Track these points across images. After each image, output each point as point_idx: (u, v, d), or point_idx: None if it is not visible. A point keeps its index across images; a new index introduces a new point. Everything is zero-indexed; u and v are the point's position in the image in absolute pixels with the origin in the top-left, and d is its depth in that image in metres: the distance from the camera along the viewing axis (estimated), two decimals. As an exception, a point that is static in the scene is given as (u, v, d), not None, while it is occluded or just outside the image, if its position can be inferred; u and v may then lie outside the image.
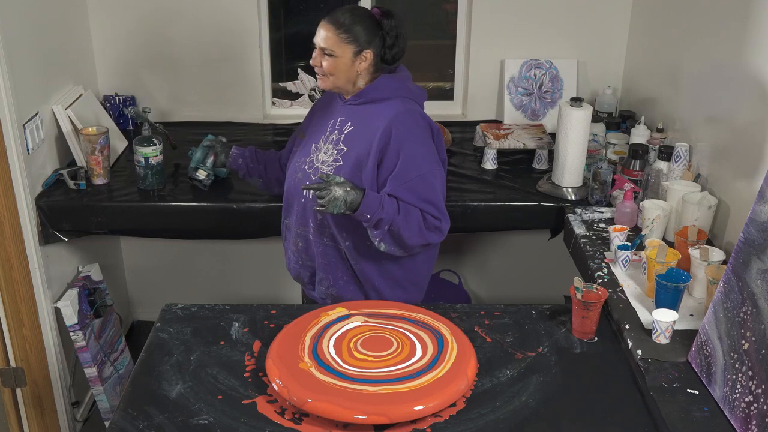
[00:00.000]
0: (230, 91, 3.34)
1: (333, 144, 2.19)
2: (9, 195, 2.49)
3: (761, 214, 1.68)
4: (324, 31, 2.13)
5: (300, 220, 2.26)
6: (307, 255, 2.30)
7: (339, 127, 2.20)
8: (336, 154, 2.18)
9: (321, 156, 2.20)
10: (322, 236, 2.23)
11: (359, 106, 2.19)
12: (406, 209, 2.08)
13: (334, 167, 2.16)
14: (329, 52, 2.13)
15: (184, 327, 1.99)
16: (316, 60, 2.17)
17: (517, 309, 2.08)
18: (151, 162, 2.68)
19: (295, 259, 2.34)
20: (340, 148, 2.18)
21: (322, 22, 2.15)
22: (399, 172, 2.08)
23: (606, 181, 2.57)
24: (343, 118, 2.21)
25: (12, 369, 2.69)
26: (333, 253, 2.24)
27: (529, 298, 3.18)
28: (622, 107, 3.30)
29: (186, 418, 1.67)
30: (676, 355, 1.83)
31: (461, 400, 1.72)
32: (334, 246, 2.23)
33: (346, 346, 1.82)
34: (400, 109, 2.13)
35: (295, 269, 2.37)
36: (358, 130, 2.17)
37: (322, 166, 2.18)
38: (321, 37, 2.14)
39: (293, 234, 2.31)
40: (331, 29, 2.12)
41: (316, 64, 2.17)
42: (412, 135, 2.11)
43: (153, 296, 3.51)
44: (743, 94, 2.21)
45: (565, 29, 3.26)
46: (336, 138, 2.20)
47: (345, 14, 2.13)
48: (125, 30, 3.20)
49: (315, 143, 2.24)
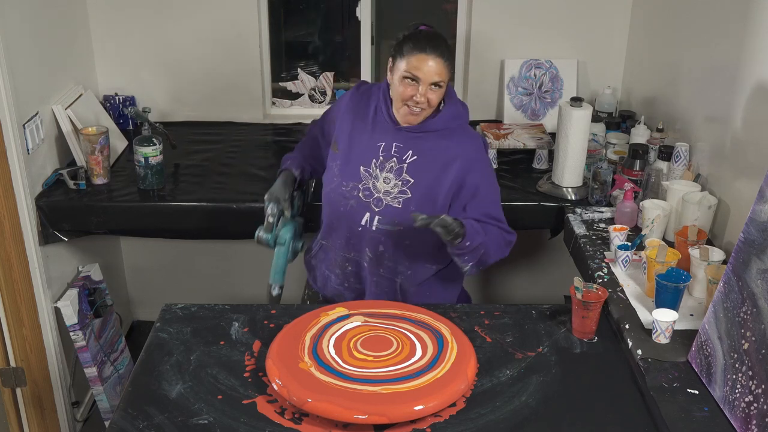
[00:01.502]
0: (230, 91, 3.34)
1: (395, 174, 2.11)
2: (9, 195, 2.49)
3: (761, 214, 1.68)
4: (434, 63, 1.99)
5: (352, 247, 2.19)
6: (356, 279, 2.24)
7: (397, 155, 2.11)
8: (401, 186, 2.11)
9: (381, 186, 2.12)
10: (379, 267, 2.19)
11: (420, 134, 2.11)
12: (488, 230, 2.11)
13: (402, 199, 2.11)
14: (440, 84, 2.03)
15: (184, 327, 1.99)
16: (422, 96, 2.01)
17: (517, 309, 2.08)
18: (151, 162, 2.68)
19: (340, 281, 2.27)
20: (405, 179, 2.11)
21: (425, 53, 1.99)
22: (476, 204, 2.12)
23: (606, 181, 2.57)
24: (401, 145, 2.11)
25: (12, 369, 2.69)
26: (387, 284, 2.22)
27: (529, 298, 3.19)
28: (622, 107, 3.30)
29: (186, 418, 1.67)
30: (676, 355, 1.83)
31: (461, 400, 1.72)
32: (390, 278, 2.21)
33: (346, 346, 1.82)
34: (470, 146, 2.13)
35: (336, 290, 2.28)
36: (423, 161, 2.10)
37: (386, 197, 2.12)
38: (433, 71, 1.99)
39: (338, 257, 2.23)
40: (440, 60, 2.00)
41: (422, 100, 2.02)
42: (485, 172, 2.16)
43: (153, 296, 3.51)
44: (743, 94, 2.21)
45: (565, 29, 3.26)
46: (396, 167, 2.11)
47: (440, 39, 2.04)
48: (125, 30, 3.20)
49: (364, 167, 2.13)
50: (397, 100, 2.08)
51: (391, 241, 2.15)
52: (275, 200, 2.19)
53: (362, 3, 3.34)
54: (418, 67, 2.00)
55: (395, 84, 2.06)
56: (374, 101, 2.17)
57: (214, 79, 3.30)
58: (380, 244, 2.16)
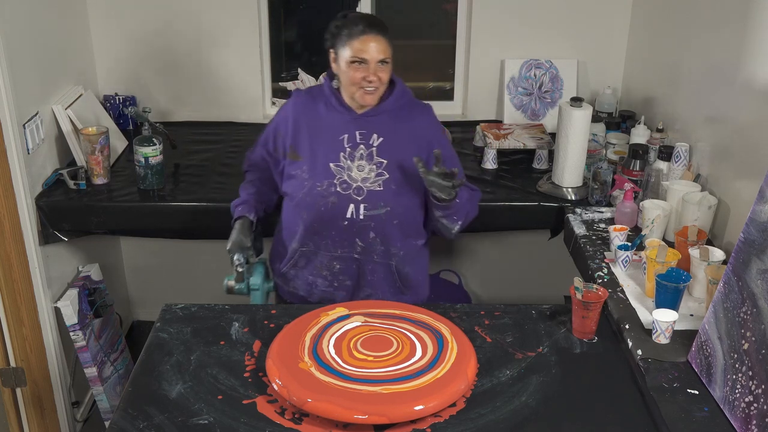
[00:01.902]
0: (230, 91, 3.34)
1: (367, 160, 2.15)
2: (9, 195, 2.49)
3: (761, 214, 1.68)
4: (375, 42, 2.05)
5: (341, 243, 2.20)
6: (346, 276, 2.25)
7: (364, 141, 2.16)
8: (377, 169, 2.15)
9: (356, 175, 2.15)
10: (372, 254, 2.21)
11: (377, 116, 2.16)
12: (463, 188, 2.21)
13: (381, 181, 2.15)
14: (387, 60, 2.08)
15: (184, 327, 1.99)
16: (373, 75, 2.07)
17: (517, 309, 2.08)
18: (151, 162, 2.68)
19: (329, 282, 2.26)
20: (378, 162, 2.15)
21: (366, 34, 2.05)
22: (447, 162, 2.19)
23: (606, 181, 2.57)
24: (364, 131, 2.16)
25: (12, 369, 2.69)
26: (382, 270, 2.24)
27: (529, 298, 3.18)
28: (622, 107, 3.30)
29: (186, 418, 1.67)
30: (676, 355, 1.83)
31: (461, 400, 1.72)
32: (385, 263, 2.23)
33: (346, 346, 1.82)
34: (426, 117, 2.24)
35: (324, 293, 2.28)
36: (389, 140, 2.16)
37: (365, 184, 2.15)
38: (376, 49, 2.05)
39: (325, 258, 2.23)
40: (381, 38, 2.06)
41: (374, 78, 2.07)
42: (443, 138, 2.29)
43: (153, 296, 3.51)
44: (743, 94, 2.21)
45: (565, 29, 3.26)
46: (366, 153, 2.15)
47: (377, 19, 2.12)
48: (125, 30, 3.20)
49: (334, 162, 2.16)
50: (349, 86, 2.12)
51: (380, 224, 2.18)
52: (240, 250, 2.23)
53: (362, 3, 3.34)
54: (362, 49, 2.05)
55: (343, 71, 2.10)
56: (321, 100, 2.20)
57: (214, 79, 3.30)
58: (370, 230, 2.18)
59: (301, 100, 2.24)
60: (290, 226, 2.27)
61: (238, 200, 2.35)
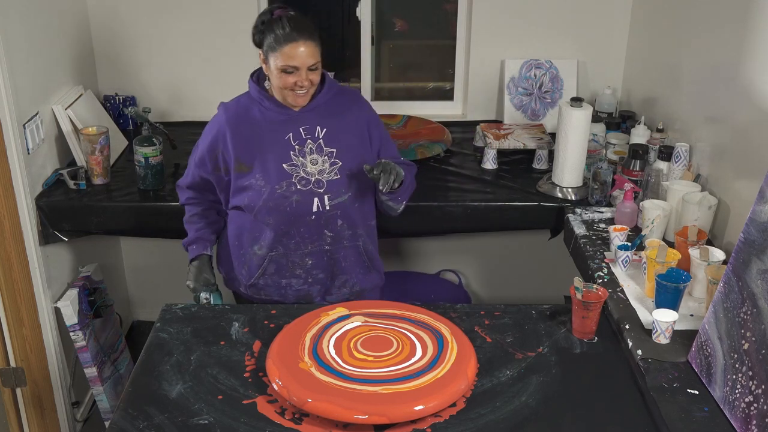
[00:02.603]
0: (230, 91, 3.33)
1: (317, 153, 2.17)
2: (9, 195, 2.49)
3: (761, 214, 1.68)
4: (305, 48, 2.05)
5: (311, 238, 2.21)
6: (319, 269, 2.26)
7: (309, 136, 2.17)
8: (329, 159, 2.18)
9: (311, 169, 2.16)
10: (342, 239, 2.24)
11: (314, 110, 2.18)
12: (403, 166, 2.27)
13: (336, 169, 2.17)
14: (316, 66, 2.09)
15: (184, 327, 1.99)
16: (305, 80, 2.08)
17: (517, 309, 2.08)
18: (151, 162, 2.68)
19: (303, 280, 2.26)
20: (328, 152, 2.18)
21: (295, 41, 2.04)
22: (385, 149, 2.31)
23: (606, 181, 2.57)
24: (306, 126, 2.17)
25: (12, 369, 2.69)
26: (352, 252, 2.27)
27: (529, 298, 3.18)
28: (622, 107, 3.30)
29: (186, 418, 1.67)
30: (676, 355, 1.83)
31: (461, 400, 1.72)
32: (354, 245, 2.26)
33: (346, 346, 1.82)
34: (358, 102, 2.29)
35: (299, 291, 2.28)
36: (333, 130, 2.19)
37: (323, 176, 2.16)
38: (305, 55, 2.05)
39: (296, 257, 2.23)
40: (311, 43, 2.06)
41: (306, 83, 2.09)
42: (377, 119, 2.33)
43: (153, 296, 3.51)
44: (743, 94, 2.21)
45: (565, 29, 3.26)
46: (315, 146, 2.17)
47: (305, 21, 2.08)
48: (125, 30, 3.20)
49: (286, 163, 2.15)
50: (280, 90, 2.13)
51: (345, 210, 2.21)
52: (204, 288, 2.27)
53: (362, 3, 3.34)
54: (291, 56, 2.05)
55: (274, 78, 2.11)
56: (254, 106, 2.20)
57: (214, 79, 3.30)
58: (338, 218, 2.21)
59: (232, 111, 2.22)
60: (250, 236, 2.24)
61: (189, 239, 2.34)
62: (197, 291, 2.26)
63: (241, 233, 2.27)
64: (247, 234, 2.25)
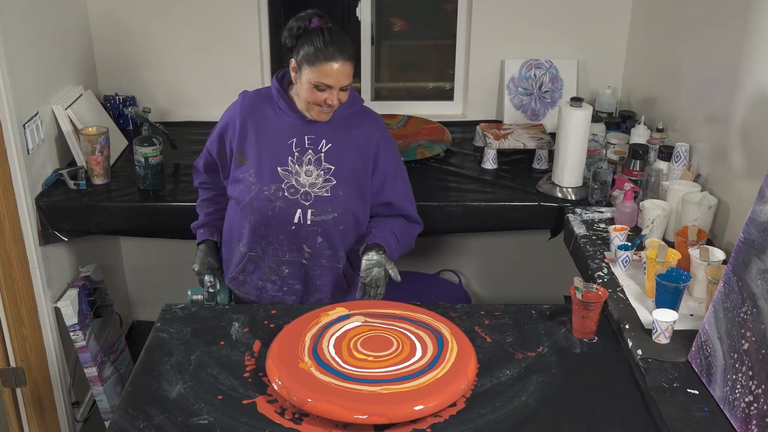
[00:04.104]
0: (230, 91, 3.32)
1: (315, 165, 2.13)
2: (9, 195, 2.49)
3: (761, 214, 1.68)
4: (342, 67, 2.01)
5: (289, 247, 2.18)
6: (296, 280, 2.23)
7: (312, 147, 2.13)
8: (324, 175, 2.13)
9: (304, 180, 2.13)
10: (321, 258, 2.20)
11: (327, 123, 2.14)
12: (401, 236, 2.23)
13: (329, 187, 2.13)
14: (348, 87, 2.06)
15: (184, 327, 1.99)
16: (334, 99, 2.05)
17: (517, 309, 2.08)
18: (151, 162, 2.68)
19: (278, 287, 2.24)
20: (326, 168, 2.13)
21: (334, 60, 1.99)
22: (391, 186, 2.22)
23: (606, 181, 2.57)
24: (312, 137, 2.13)
25: (12, 369, 2.69)
26: (329, 272, 2.23)
27: (529, 298, 3.18)
28: (622, 107, 3.30)
29: (186, 418, 1.67)
30: (676, 355, 1.83)
31: (461, 400, 1.72)
32: (332, 265, 2.22)
33: (346, 346, 1.82)
34: (375, 126, 2.20)
35: (274, 297, 2.25)
36: (338, 147, 2.14)
37: (313, 189, 2.13)
38: (342, 75, 2.01)
39: (272, 263, 2.20)
40: (348, 63, 2.02)
41: (335, 102, 2.06)
42: (394, 151, 2.25)
43: (153, 296, 3.51)
44: (743, 94, 2.21)
45: (565, 29, 3.26)
46: (315, 158, 2.13)
47: (344, 38, 2.04)
48: (125, 30, 3.20)
49: (281, 167, 2.13)
50: (306, 103, 2.09)
51: (327, 230, 2.16)
52: (210, 271, 2.27)
53: (362, 3, 3.34)
54: (327, 74, 2.01)
55: (304, 90, 2.06)
56: (269, 103, 2.17)
57: (214, 79, 3.30)
58: (318, 235, 2.16)
59: (248, 101, 2.20)
60: (237, 231, 2.24)
61: (198, 222, 2.35)
62: (201, 274, 2.26)
63: (232, 225, 2.26)
64: (234, 226, 2.25)
